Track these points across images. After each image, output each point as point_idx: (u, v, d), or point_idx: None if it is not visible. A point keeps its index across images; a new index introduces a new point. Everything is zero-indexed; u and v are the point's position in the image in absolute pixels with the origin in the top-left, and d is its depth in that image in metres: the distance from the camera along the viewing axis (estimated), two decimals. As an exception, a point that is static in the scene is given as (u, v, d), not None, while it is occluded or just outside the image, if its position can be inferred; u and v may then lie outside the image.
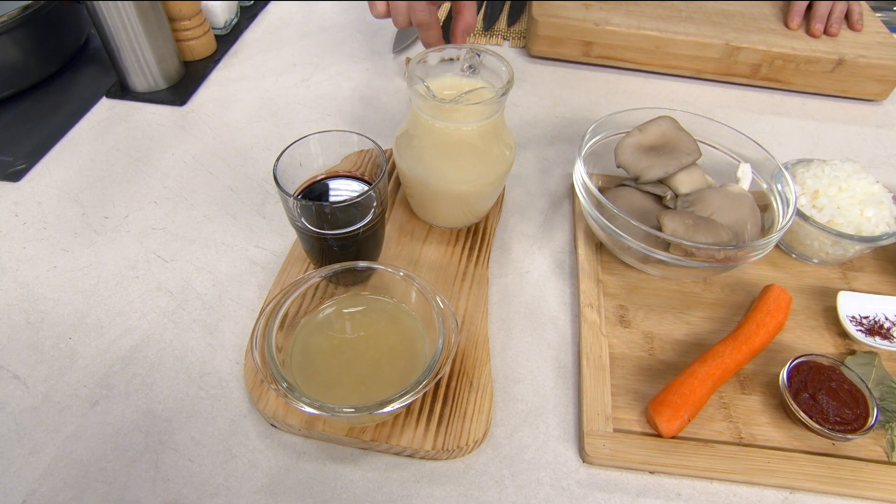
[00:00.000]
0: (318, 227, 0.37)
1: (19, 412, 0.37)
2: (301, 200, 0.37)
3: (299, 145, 0.38)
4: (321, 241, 0.38)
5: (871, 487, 0.34)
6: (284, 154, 0.37)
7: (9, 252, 0.46)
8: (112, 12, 0.55)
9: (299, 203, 0.36)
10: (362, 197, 0.36)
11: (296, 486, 0.35)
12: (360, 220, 0.38)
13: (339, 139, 0.39)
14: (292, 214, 0.37)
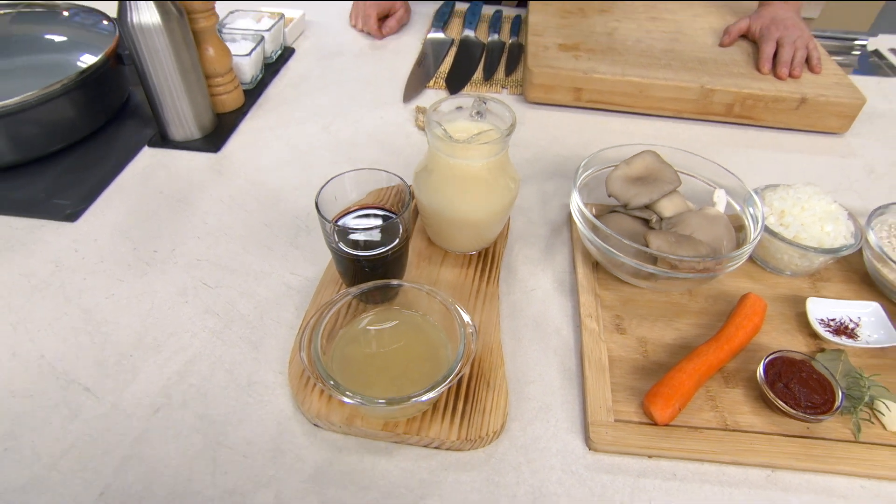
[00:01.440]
0: (353, 249, 0.43)
1: (92, 419, 0.42)
2: (341, 226, 0.43)
3: (336, 181, 0.44)
4: (355, 262, 0.44)
5: (842, 463, 0.39)
6: (324, 188, 0.43)
7: (71, 283, 0.52)
8: (159, 72, 0.63)
9: (339, 228, 0.42)
10: (392, 223, 0.42)
11: (338, 476, 0.39)
12: (388, 243, 0.44)
13: (371, 176, 0.45)
14: (330, 239, 0.44)
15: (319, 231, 0.58)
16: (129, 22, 0.59)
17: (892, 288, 0.49)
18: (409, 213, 0.44)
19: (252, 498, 0.38)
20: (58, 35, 0.74)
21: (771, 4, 0.82)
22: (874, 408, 0.42)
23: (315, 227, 0.58)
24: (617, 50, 0.78)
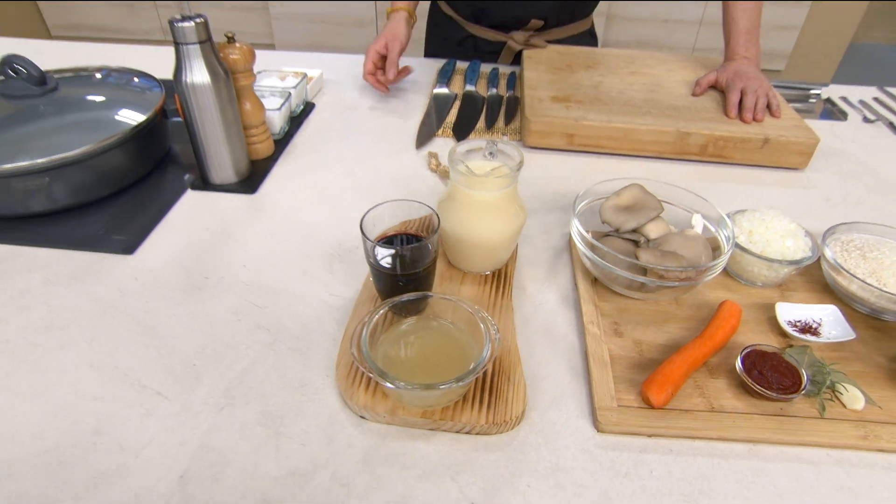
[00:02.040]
0: (391, 267, 0.51)
1: (166, 417, 0.49)
2: (382, 245, 0.51)
3: (376, 209, 0.53)
4: (393, 278, 0.52)
5: (810, 436, 0.46)
6: (366, 215, 0.52)
7: (135, 306, 0.59)
8: (206, 124, 0.72)
9: (381, 247, 0.50)
10: (424, 243, 0.51)
11: (384, 458, 0.46)
12: (420, 262, 0.52)
13: (405, 206, 0.54)
14: (372, 257, 0.52)
15: (352, 257, 0.66)
16: (184, 81, 0.69)
17: (846, 293, 0.57)
18: (437, 237, 0.53)
19: (312, 477, 0.45)
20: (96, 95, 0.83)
21: (734, 59, 0.94)
22: (835, 390, 0.49)
23: (347, 254, 0.66)
24: (602, 100, 0.89)
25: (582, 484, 0.44)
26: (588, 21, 1.16)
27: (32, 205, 0.70)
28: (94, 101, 0.81)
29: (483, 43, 1.13)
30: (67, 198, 0.71)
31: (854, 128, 0.97)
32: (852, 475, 0.45)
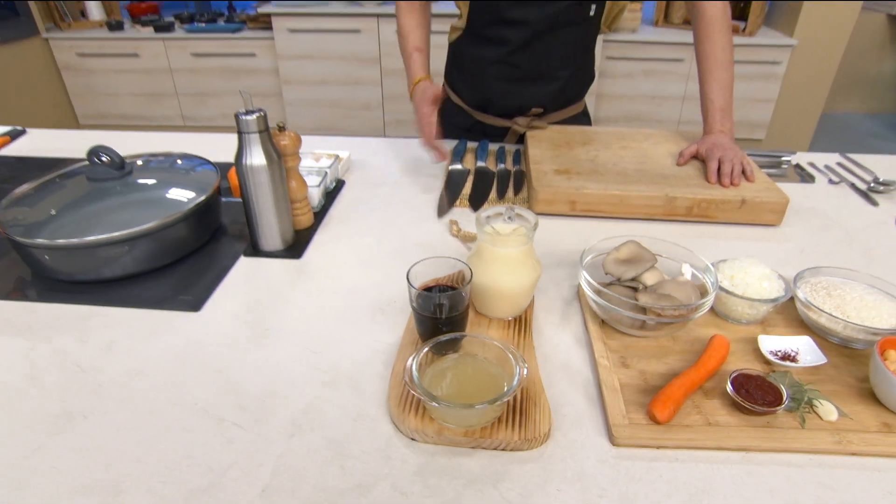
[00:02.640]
0: (433, 311, 0.61)
1: (244, 444, 0.57)
2: (426, 293, 0.61)
3: (419, 265, 0.63)
4: (434, 321, 0.62)
5: (794, 443, 0.55)
6: (411, 269, 0.62)
7: (207, 354, 0.69)
8: (260, 199, 0.84)
9: (425, 294, 0.61)
10: (459, 292, 0.61)
11: (435, 471, 0.54)
12: (457, 307, 0.62)
13: (442, 262, 0.65)
14: (417, 304, 0.62)
15: (391, 310, 0.76)
16: (244, 164, 0.81)
17: (817, 326, 0.67)
18: (469, 286, 0.63)
19: (374, 487, 0.53)
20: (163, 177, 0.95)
21: (712, 133, 1.08)
22: (812, 405, 0.58)
23: (387, 307, 0.76)
24: (599, 171, 1.02)
25: (603, 488, 0.53)
26: (581, 104, 1.31)
27: (111, 271, 0.80)
28: (161, 182, 0.94)
29: (489, 128, 1.28)
30: (140, 264, 0.82)
31: (821, 189, 1.10)
32: (830, 475, 0.54)
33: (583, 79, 1.27)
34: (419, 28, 1.20)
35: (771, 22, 3.13)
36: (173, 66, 3.29)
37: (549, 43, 1.15)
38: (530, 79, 1.20)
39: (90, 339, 0.71)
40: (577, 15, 1.12)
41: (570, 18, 1.12)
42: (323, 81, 3.17)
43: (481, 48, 1.19)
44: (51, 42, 3.23)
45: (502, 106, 1.24)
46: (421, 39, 1.19)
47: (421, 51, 1.18)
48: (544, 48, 1.15)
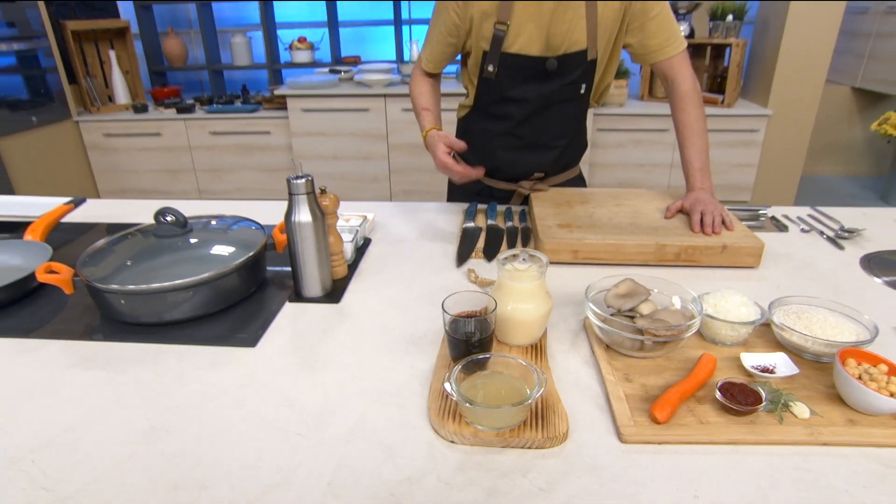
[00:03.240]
0: (464, 335, 0.73)
1: (307, 448, 0.67)
2: (459, 320, 0.73)
3: (452, 297, 0.76)
4: (465, 344, 0.74)
5: (774, 436, 0.65)
6: (446, 300, 0.74)
7: (266, 380, 0.79)
8: (305, 251, 0.97)
9: (459, 320, 0.72)
10: (486, 318, 0.73)
11: (473, 465, 0.64)
12: (485, 331, 0.74)
13: (470, 295, 0.77)
14: (450, 328, 0.73)
15: (423, 343, 0.87)
16: (293, 221, 0.95)
17: (790, 343, 0.78)
18: (495, 313, 0.75)
19: (423, 479, 0.62)
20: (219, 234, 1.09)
21: (694, 190, 1.23)
22: (788, 406, 0.69)
23: (418, 341, 0.88)
24: (597, 225, 1.16)
25: (616, 475, 0.62)
26: (577, 169, 1.48)
27: (176, 314, 0.92)
28: (217, 239, 1.07)
29: (497, 191, 1.44)
30: (199, 309, 0.94)
31: (794, 237, 1.24)
32: (805, 461, 0.64)
33: (577, 146, 1.43)
34: (429, 93, 1.37)
35: (746, 94, 3.40)
36: (192, 144, 3.52)
37: (547, 117, 1.32)
38: (532, 148, 1.36)
39: (162, 370, 0.82)
40: (570, 93, 1.30)
41: (563, 96, 1.29)
42: (334, 156, 3.39)
43: (488, 123, 1.36)
44: (80, 124, 3.47)
45: (508, 172, 1.40)
46: (430, 102, 1.37)
47: (430, 110, 1.35)
48: (543, 121, 1.32)
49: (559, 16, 1.19)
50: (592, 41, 1.23)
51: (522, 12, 1.19)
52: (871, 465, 0.63)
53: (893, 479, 0.61)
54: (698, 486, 0.61)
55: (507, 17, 1.20)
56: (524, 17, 1.20)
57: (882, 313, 0.91)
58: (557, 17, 1.19)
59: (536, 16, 1.20)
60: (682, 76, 1.26)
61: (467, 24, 1.25)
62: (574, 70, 1.26)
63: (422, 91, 1.37)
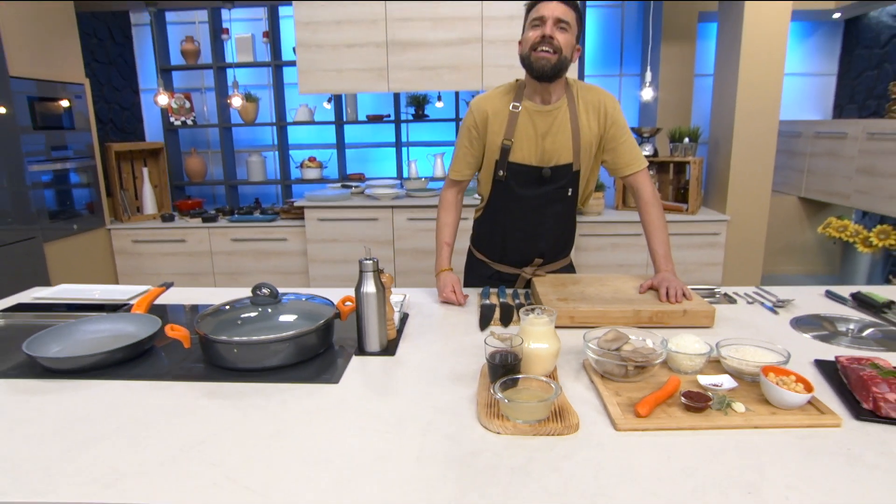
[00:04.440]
0: (501, 363, 1.03)
1: (394, 440, 0.94)
2: (499, 352, 1.04)
3: (489, 337, 1.07)
4: (502, 368, 1.04)
5: (721, 423, 0.94)
6: (486, 339, 1.05)
7: (350, 403, 1.07)
8: (370, 315, 1.28)
9: (497, 353, 1.03)
10: (515, 352, 1.04)
11: (515, 446, 0.92)
12: (515, 361, 1.04)
13: (498, 342, 1.08)
14: (490, 357, 1.04)
15: (465, 380, 1.16)
16: (362, 291, 1.27)
17: (731, 368, 1.09)
18: (521, 347, 1.06)
19: (482, 453, 0.90)
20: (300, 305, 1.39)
21: (661, 271, 1.57)
22: (731, 405, 0.98)
23: (459, 379, 1.17)
24: (587, 298, 1.49)
25: (613, 449, 0.91)
26: (569, 258, 1.84)
27: (273, 361, 1.21)
28: (299, 307, 1.37)
29: (505, 275, 1.78)
30: (290, 358, 1.22)
31: (742, 307, 1.57)
32: (743, 437, 0.92)
33: (567, 239, 1.80)
34: (451, 226, 1.78)
35: (707, 202, 3.90)
36: (214, 250, 3.87)
37: (543, 213, 1.70)
38: (531, 238, 1.73)
39: (271, 399, 1.09)
40: (561, 195, 1.68)
41: (556, 197, 1.68)
42: (345, 260, 3.75)
43: (497, 217, 1.74)
44: (112, 232, 3.83)
45: (513, 258, 1.76)
46: (451, 236, 1.77)
47: (449, 245, 1.76)
48: (539, 216, 1.70)
49: (551, 138, 1.61)
50: (576, 157, 1.64)
51: (523, 133, 1.61)
52: (786, 437, 0.92)
53: (800, 446, 0.90)
54: (671, 453, 0.89)
55: (512, 135, 1.61)
56: (524, 137, 1.62)
57: (802, 352, 1.23)
58: (550, 139, 1.61)
59: (534, 137, 1.61)
60: (644, 186, 1.66)
61: (483, 139, 1.67)
62: (563, 177, 1.66)
63: (447, 222, 1.78)
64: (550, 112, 1.61)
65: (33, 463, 0.89)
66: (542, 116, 1.61)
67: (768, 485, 0.81)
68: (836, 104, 4.55)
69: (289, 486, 0.84)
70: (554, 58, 1.50)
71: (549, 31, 1.49)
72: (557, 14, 1.48)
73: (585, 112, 1.62)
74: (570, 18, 1.50)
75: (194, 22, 4.43)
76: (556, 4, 1.48)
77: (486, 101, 1.66)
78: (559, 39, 1.49)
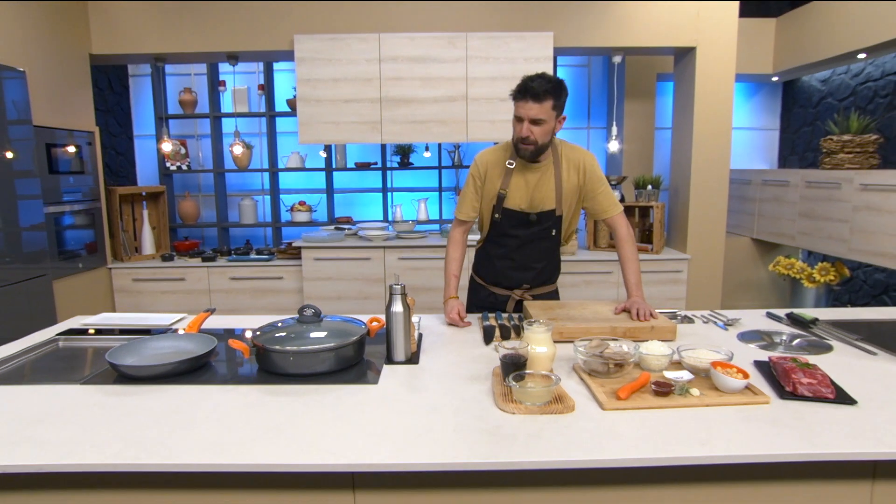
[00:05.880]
0: (511, 361, 1.32)
1: (431, 419, 1.21)
2: (509, 356, 1.32)
3: (501, 347, 1.35)
4: (513, 366, 1.32)
5: (681, 402, 1.24)
6: (501, 353, 1.34)
7: (384, 404, 1.33)
8: (397, 331, 1.55)
9: (508, 354, 1.32)
10: (521, 354, 1.33)
11: (527, 422, 1.19)
12: (522, 359, 1.33)
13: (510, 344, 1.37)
14: (502, 357, 1.32)
15: (479, 379, 1.43)
16: (391, 310, 1.55)
17: (689, 366, 1.39)
18: (527, 349, 1.35)
19: (502, 427, 1.17)
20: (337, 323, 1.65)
21: (632, 296, 1.89)
22: (688, 391, 1.28)
23: (475, 381, 1.44)
24: (572, 318, 1.79)
25: (603, 421, 1.19)
26: (554, 286, 2.15)
27: (320, 368, 1.46)
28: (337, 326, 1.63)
29: (499, 296, 2.09)
30: (333, 366, 1.48)
31: (699, 326, 1.90)
32: (698, 411, 1.22)
33: (552, 269, 2.12)
34: (458, 261, 2.09)
35: (670, 243, 4.29)
36: (212, 288, 4.06)
37: (531, 248, 2.01)
38: (520, 268, 2.04)
39: (323, 396, 1.35)
40: (545, 234, 2.01)
41: (542, 236, 2.00)
42: (338, 297, 3.99)
43: (494, 250, 2.06)
44: (112, 271, 4.00)
45: (504, 283, 2.07)
46: (458, 269, 2.08)
47: (456, 277, 2.07)
48: (528, 251, 2.02)
49: (539, 189, 1.94)
50: (559, 204, 1.97)
51: (515, 185, 1.94)
52: (729, 411, 1.22)
53: (739, 416, 1.20)
54: (645, 423, 1.18)
55: (507, 186, 1.94)
56: (516, 188, 1.95)
57: (745, 357, 1.55)
58: (537, 190, 1.94)
59: (524, 188, 1.94)
60: (619, 227, 2.00)
61: (484, 187, 2.01)
62: (548, 220, 1.98)
63: (455, 257, 2.09)
64: (538, 168, 1.95)
65: (151, 440, 1.13)
66: (532, 172, 1.95)
67: (715, 438, 1.11)
68: (781, 155, 5.08)
69: (359, 452, 1.09)
70: (532, 147, 1.86)
71: (526, 133, 1.83)
72: (531, 115, 1.80)
73: (567, 168, 1.97)
74: (544, 114, 1.79)
75: (190, 74, 4.75)
76: (530, 106, 1.79)
77: (488, 155, 2.01)
78: (535, 134, 1.83)
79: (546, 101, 1.79)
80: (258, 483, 1.10)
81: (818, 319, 1.84)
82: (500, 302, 2.10)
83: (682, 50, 3.90)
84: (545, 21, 3.76)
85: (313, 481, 1.10)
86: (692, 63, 3.82)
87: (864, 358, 1.56)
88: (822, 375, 1.29)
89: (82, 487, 1.10)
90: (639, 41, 3.76)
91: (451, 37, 3.75)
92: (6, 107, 2.97)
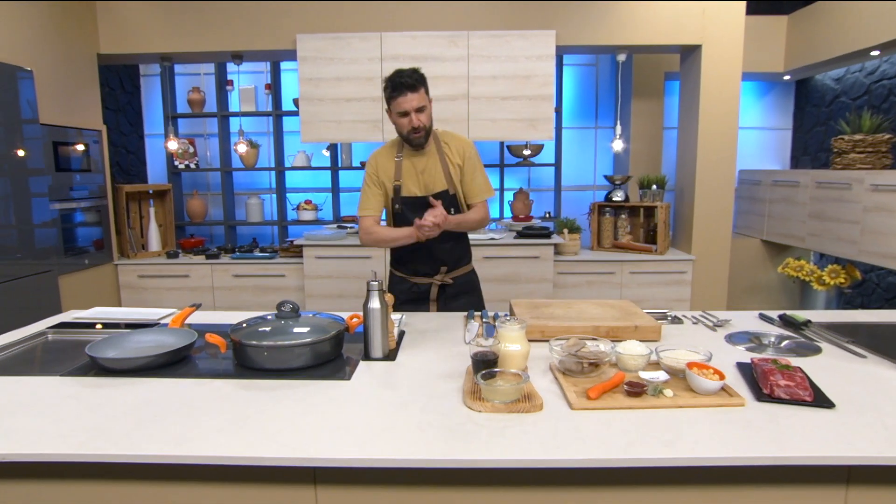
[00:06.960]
0: (482, 359, 1.30)
1: (405, 415, 1.20)
2: (480, 350, 1.31)
3: (474, 348, 1.34)
4: (483, 363, 1.30)
5: (656, 403, 1.22)
6: (469, 345, 1.33)
7: (358, 401, 1.32)
8: (375, 327, 1.54)
9: (479, 352, 1.30)
10: (492, 352, 1.31)
11: (494, 420, 1.17)
12: (493, 356, 1.31)
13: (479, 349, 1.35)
14: (473, 355, 1.31)
15: (453, 377, 1.42)
16: (368, 306, 1.54)
17: (666, 366, 1.37)
18: (499, 346, 1.33)
19: (467, 423, 1.16)
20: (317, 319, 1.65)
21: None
22: (662, 391, 1.26)
23: (449, 377, 1.43)
24: (556, 317, 1.77)
25: (570, 420, 1.17)
26: (470, 266, 2.26)
27: (295, 363, 1.46)
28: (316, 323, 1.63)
29: (421, 285, 2.17)
30: (308, 361, 1.48)
31: (688, 327, 1.86)
32: (670, 414, 1.19)
33: (463, 249, 2.23)
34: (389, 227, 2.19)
35: (675, 244, 4.24)
36: (215, 285, 4.10)
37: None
38: (433, 252, 2.13)
39: (295, 390, 1.35)
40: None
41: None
42: (340, 295, 4.00)
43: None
44: (119, 267, 4.06)
45: (424, 269, 2.18)
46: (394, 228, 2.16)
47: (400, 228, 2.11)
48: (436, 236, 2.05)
49: (427, 173, 2.09)
50: (450, 183, 2.11)
51: (406, 174, 2.09)
52: (701, 413, 1.20)
53: (711, 418, 1.17)
54: (612, 423, 1.16)
55: (399, 177, 2.09)
56: (408, 176, 2.09)
57: (731, 359, 1.52)
58: (426, 174, 2.09)
59: (415, 175, 2.09)
60: (479, 212, 2.14)
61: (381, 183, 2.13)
62: (443, 201, 2.05)
63: (382, 228, 2.17)
64: (424, 154, 2.11)
65: (117, 432, 1.14)
66: (418, 158, 2.11)
67: (681, 441, 1.08)
68: (793, 155, 4.98)
69: (322, 445, 1.09)
70: (423, 133, 2.03)
71: (416, 122, 1.98)
72: (414, 105, 1.96)
73: (449, 150, 2.13)
74: (423, 100, 1.98)
75: (199, 73, 4.80)
76: (411, 97, 1.95)
77: (377, 154, 2.18)
78: (422, 120, 1.99)
79: (420, 89, 1.96)
80: (219, 476, 1.10)
81: (811, 321, 1.80)
82: (423, 291, 2.18)
83: (687, 48, 3.85)
84: (547, 19, 3.73)
85: (273, 475, 1.10)
86: (698, 61, 3.76)
87: (852, 361, 1.51)
88: (801, 378, 1.26)
89: (46, 477, 1.11)
90: (643, 39, 3.71)
91: (452, 35, 3.74)
92: (21, 107, 3.04)
